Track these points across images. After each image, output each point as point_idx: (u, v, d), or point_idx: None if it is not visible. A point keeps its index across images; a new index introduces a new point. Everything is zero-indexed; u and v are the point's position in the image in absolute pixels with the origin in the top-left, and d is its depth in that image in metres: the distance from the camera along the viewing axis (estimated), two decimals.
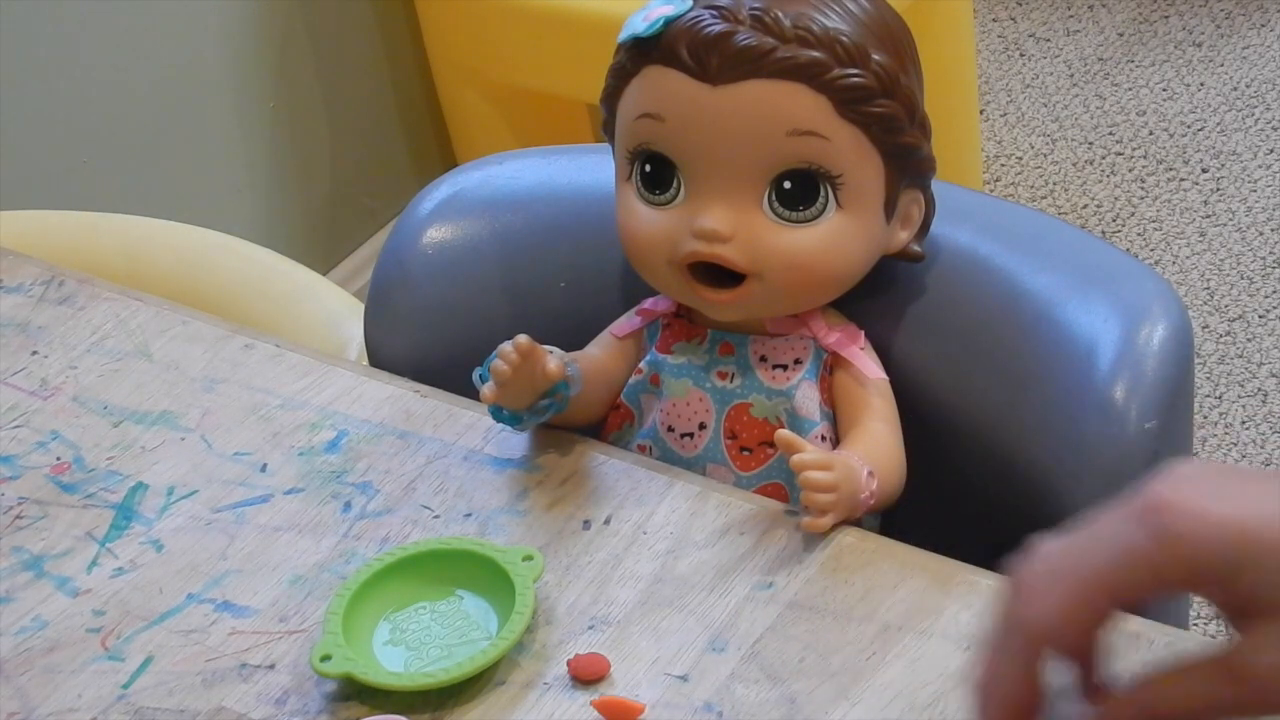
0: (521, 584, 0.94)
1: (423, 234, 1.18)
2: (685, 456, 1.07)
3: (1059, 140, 2.55)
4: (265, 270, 1.45)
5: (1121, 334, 1.04)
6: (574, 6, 2.07)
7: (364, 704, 0.91)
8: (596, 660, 0.92)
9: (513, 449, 1.05)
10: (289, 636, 0.96)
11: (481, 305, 1.17)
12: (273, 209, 2.24)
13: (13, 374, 1.14)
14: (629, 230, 1.05)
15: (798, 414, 1.05)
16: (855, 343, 1.06)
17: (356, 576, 0.95)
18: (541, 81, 2.19)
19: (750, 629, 0.93)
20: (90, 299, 1.19)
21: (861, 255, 1.04)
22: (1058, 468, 1.04)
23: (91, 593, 0.99)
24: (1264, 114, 2.53)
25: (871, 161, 1.02)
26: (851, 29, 1.00)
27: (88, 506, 1.05)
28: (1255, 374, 2.16)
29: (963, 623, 0.92)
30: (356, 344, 1.33)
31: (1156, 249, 2.34)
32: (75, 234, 1.48)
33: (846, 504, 0.97)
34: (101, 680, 0.95)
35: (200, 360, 1.14)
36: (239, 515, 1.03)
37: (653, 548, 0.98)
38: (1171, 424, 1.04)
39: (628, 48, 1.03)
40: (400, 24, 2.31)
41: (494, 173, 1.21)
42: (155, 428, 1.09)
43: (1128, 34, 2.72)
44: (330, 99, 2.27)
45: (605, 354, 1.09)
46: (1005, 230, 1.11)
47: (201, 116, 2.12)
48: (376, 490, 1.03)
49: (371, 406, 1.09)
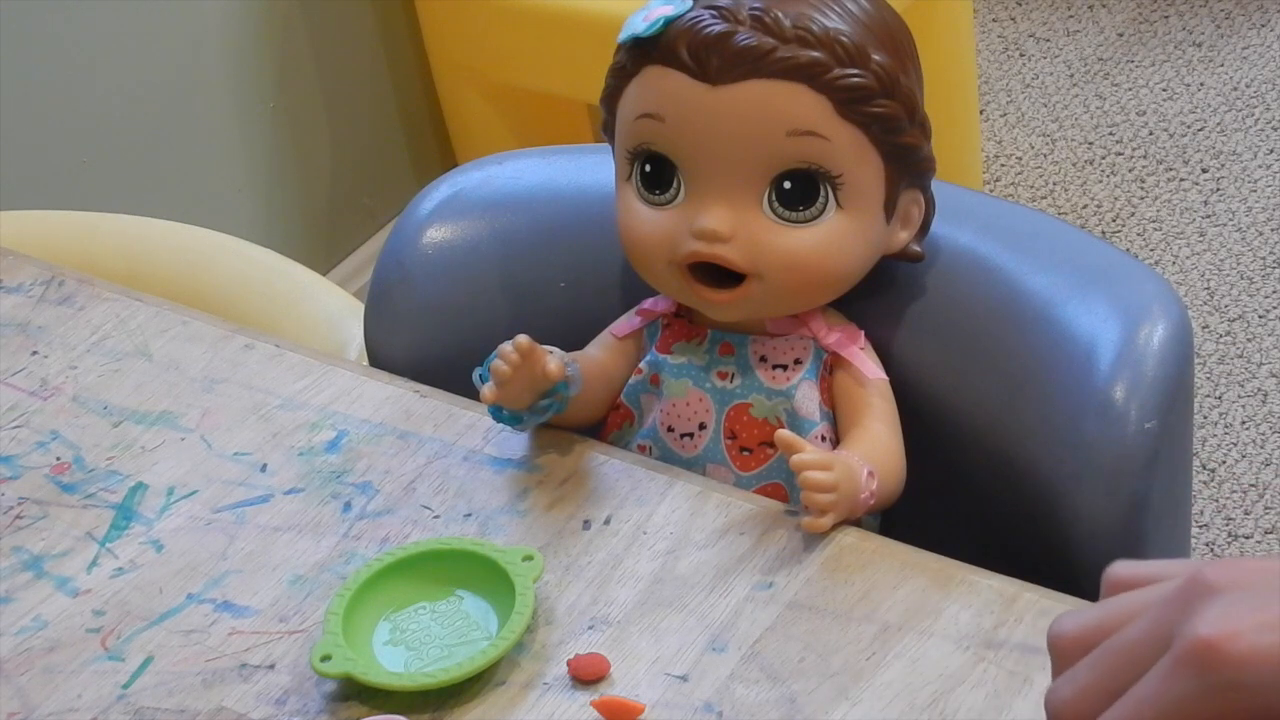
0: (521, 584, 0.94)
1: (423, 234, 1.18)
2: (685, 456, 1.07)
3: (1059, 140, 2.55)
4: (265, 270, 1.45)
5: (1121, 334, 1.04)
6: (574, 6, 2.07)
7: (364, 704, 0.91)
8: (596, 660, 0.92)
9: (513, 449, 1.05)
10: (289, 636, 0.96)
11: (481, 305, 1.17)
12: (273, 209, 2.24)
13: (13, 374, 1.14)
14: (629, 230, 1.05)
15: (798, 414, 1.05)
16: (855, 343, 1.06)
17: (356, 576, 0.95)
18: (541, 81, 2.19)
19: (750, 629, 0.93)
20: (90, 299, 1.19)
21: (861, 255, 1.04)
22: (1058, 468, 1.04)
23: (91, 593, 0.99)
24: (1264, 114, 2.53)
25: (871, 162, 1.02)
26: (851, 29, 1.00)
27: (88, 506, 1.05)
28: (1255, 374, 2.16)
29: (963, 623, 0.92)
30: (356, 344, 1.33)
31: (1156, 249, 2.34)
32: (75, 234, 1.48)
33: (846, 504, 0.97)
34: (101, 680, 0.95)
35: (200, 360, 1.14)
36: (239, 515, 1.03)
37: (653, 548, 0.98)
38: (1171, 424, 1.04)
39: (628, 48, 1.03)
40: (400, 24, 2.31)
41: (494, 173, 1.21)
42: (155, 428, 1.09)
43: (1128, 34, 2.71)
44: (330, 99, 2.27)
45: (605, 354, 1.09)
46: (1005, 230, 1.11)
47: (201, 116, 2.12)
48: (376, 490, 1.04)
49: (371, 406, 1.09)
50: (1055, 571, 1.01)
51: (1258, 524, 1.99)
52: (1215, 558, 1.95)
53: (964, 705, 0.88)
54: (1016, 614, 0.92)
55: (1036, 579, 0.95)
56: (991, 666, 0.89)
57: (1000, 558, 0.98)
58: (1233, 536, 1.98)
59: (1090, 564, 1.04)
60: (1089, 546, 1.03)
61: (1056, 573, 1.01)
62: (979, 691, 0.88)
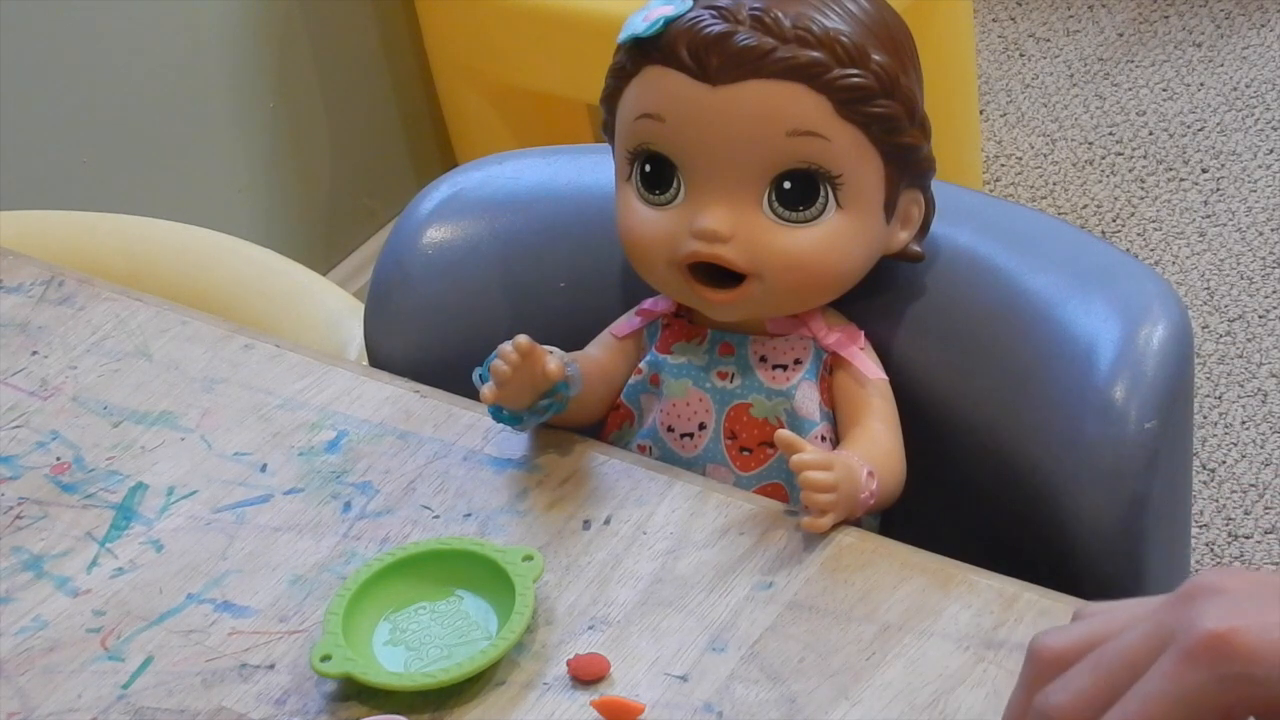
0: (521, 584, 0.94)
1: (423, 234, 1.18)
2: (685, 457, 1.07)
3: (1059, 140, 2.55)
4: (265, 270, 1.45)
5: (1121, 334, 1.04)
6: (574, 6, 2.07)
7: (364, 704, 0.91)
8: (596, 660, 0.92)
9: (513, 449, 1.05)
10: (289, 636, 0.96)
11: (481, 305, 1.17)
12: (273, 209, 2.24)
13: (13, 374, 1.14)
14: (629, 230, 1.05)
15: (797, 414, 1.05)
16: (855, 343, 1.06)
17: (356, 576, 0.95)
18: (541, 81, 2.19)
19: (750, 629, 0.93)
20: (90, 299, 1.19)
21: (861, 255, 1.04)
22: (1058, 468, 1.04)
23: (91, 593, 0.99)
24: (1264, 114, 2.53)
25: (871, 162, 1.02)
26: (851, 29, 1.00)
27: (88, 506, 1.05)
28: (1255, 374, 2.16)
29: (963, 623, 0.92)
30: (356, 344, 1.33)
31: (1156, 249, 2.34)
32: (75, 234, 1.48)
33: (846, 504, 0.97)
34: (101, 680, 0.95)
35: (200, 360, 1.14)
36: (239, 515, 1.03)
37: (653, 548, 0.98)
38: (1171, 424, 1.04)
39: (627, 48, 1.03)
40: (400, 24, 2.31)
41: (494, 173, 1.21)
42: (155, 428, 1.09)
43: (1128, 34, 2.71)
44: (330, 99, 2.27)
45: (605, 354, 1.09)
46: (1005, 230, 1.11)
47: (201, 116, 2.12)
48: (376, 490, 1.04)
49: (371, 406, 1.09)
50: (1055, 571, 1.01)
51: (1258, 524, 1.99)
52: (1216, 561, 1.95)
53: (964, 705, 0.88)
54: (1016, 614, 0.92)
55: (1036, 579, 0.95)
56: (991, 666, 0.89)
57: (1000, 558, 0.98)
58: (1233, 536, 1.98)
59: (1090, 564, 1.04)
60: (1089, 546, 1.03)
61: (1056, 573, 1.01)
62: (979, 691, 0.88)
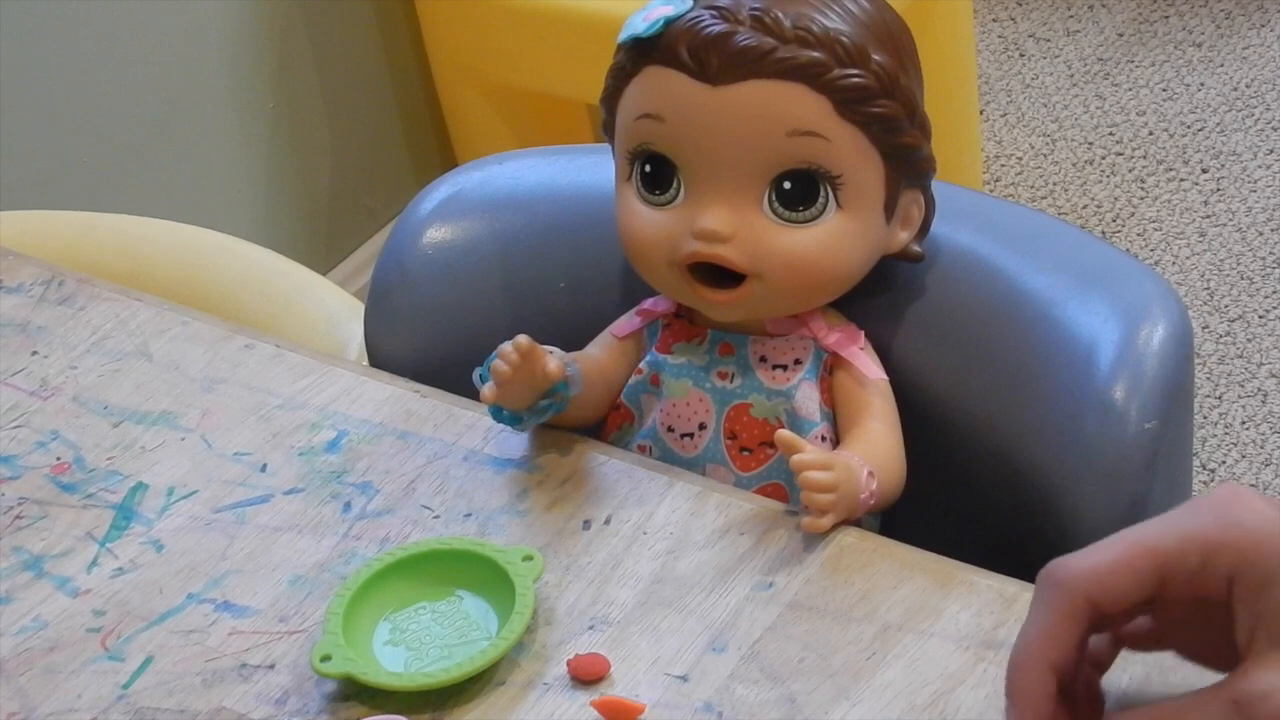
0: (521, 584, 0.94)
1: (423, 234, 1.18)
2: (685, 457, 1.07)
3: (1059, 140, 2.55)
4: (265, 270, 1.45)
5: (1121, 334, 1.04)
6: (574, 6, 2.07)
7: (364, 704, 0.91)
8: (596, 660, 0.92)
9: (513, 449, 1.05)
10: (289, 636, 0.96)
11: (481, 305, 1.17)
12: (273, 209, 2.24)
13: (13, 374, 1.14)
14: (629, 230, 1.05)
15: (798, 414, 1.05)
16: (855, 343, 1.06)
17: (356, 576, 0.95)
18: (541, 81, 2.19)
19: (750, 629, 0.93)
20: (90, 299, 1.19)
21: (861, 255, 1.04)
22: (1058, 468, 1.04)
23: (91, 593, 0.99)
24: (1264, 114, 2.53)
25: (871, 162, 1.02)
26: (851, 29, 1.00)
27: (88, 506, 1.05)
28: (1255, 374, 2.16)
29: (963, 623, 0.92)
30: (356, 344, 1.33)
31: (1156, 249, 2.34)
32: (75, 234, 1.48)
33: (846, 504, 0.97)
34: (101, 680, 0.95)
35: (200, 360, 1.14)
36: (239, 515, 1.03)
37: (653, 548, 0.98)
38: (1171, 424, 1.04)
39: (627, 48, 1.03)
40: (400, 24, 2.31)
41: (494, 173, 1.21)
42: (155, 428, 1.09)
43: (1128, 34, 2.72)
44: (330, 99, 2.27)
45: (605, 354, 1.09)
46: (1005, 230, 1.11)
47: (201, 116, 2.12)
48: (376, 490, 1.03)
49: (371, 406, 1.09)
50: None
51: None
52: None
53: (964, 705, 0.88)
54: (1016, 614, 0.92)
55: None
56: (991, 666, 0.89)
57: (1000, 558, 0.98)
58: None
59: None
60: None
61: None
62: (979, 691, 0.88)
